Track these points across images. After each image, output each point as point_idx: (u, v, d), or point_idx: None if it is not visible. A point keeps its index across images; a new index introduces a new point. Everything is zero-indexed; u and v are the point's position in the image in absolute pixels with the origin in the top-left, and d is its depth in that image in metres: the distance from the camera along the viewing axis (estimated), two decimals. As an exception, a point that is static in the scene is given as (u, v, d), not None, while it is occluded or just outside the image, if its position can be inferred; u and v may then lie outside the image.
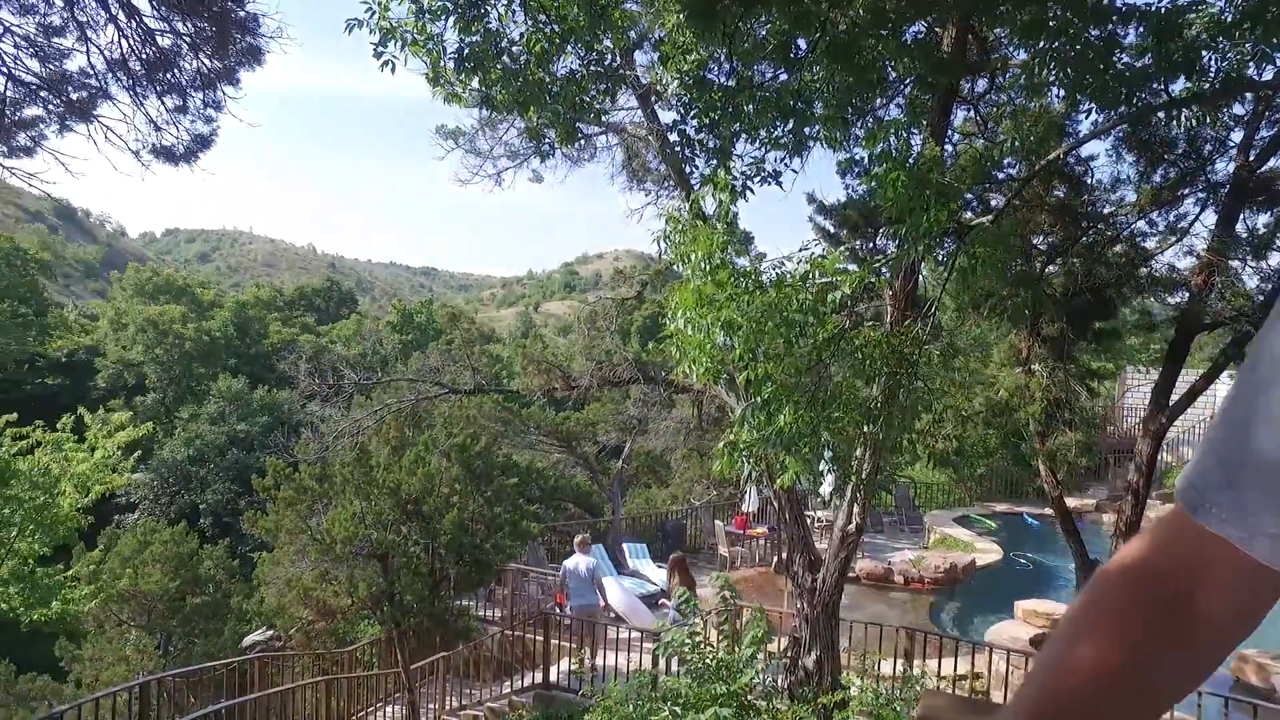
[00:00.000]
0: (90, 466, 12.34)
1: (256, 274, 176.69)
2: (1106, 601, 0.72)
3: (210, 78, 4.96)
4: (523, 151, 10.90)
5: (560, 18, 4.34)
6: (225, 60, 4.90)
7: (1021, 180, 5.89)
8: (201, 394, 36.68)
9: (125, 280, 47.43)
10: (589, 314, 12.12)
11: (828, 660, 8.49)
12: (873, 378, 5.97)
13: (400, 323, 52.64)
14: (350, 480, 11.32)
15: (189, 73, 4.87)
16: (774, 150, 5.00)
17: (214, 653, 12.13)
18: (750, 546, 16.61)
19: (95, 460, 12.56)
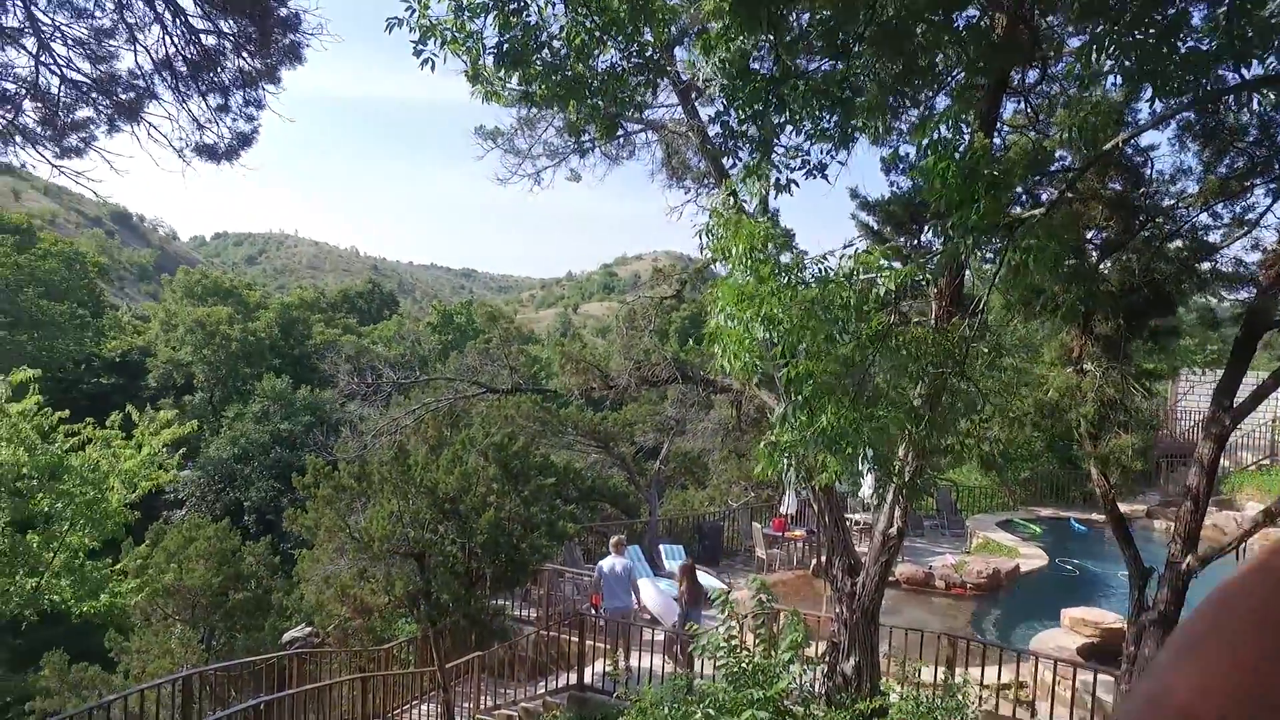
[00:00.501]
0: (137, 463, 12.59)
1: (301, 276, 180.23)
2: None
3: (252, 76, 4.98)
4: (561, 150, 10.86)
5: (601, 9, 4.25)
6: (267, 58, 4.91)
7: (1075, 172, 5.66)
8: (247, 393, 37.42)
9: (175, 283, 48.66)
10: (627, 313, 12.04)
11: (866, 666, 8.29)
12: (918, 377, 5.78)
13: (440, 323, 53.20)
14: (388, 479, 11.38)
15: (231, 71, 4.89)
16: (820, 142, 4.85)
17: (254, 648, 12.29)
18: (788, 549, 16.39)
19: (142, 457, 12.82)
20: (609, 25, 4.35)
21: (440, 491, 11.62)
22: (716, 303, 4.94)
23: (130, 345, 42.12)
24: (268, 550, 15.40)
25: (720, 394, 12.61)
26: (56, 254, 43.50)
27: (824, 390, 4.66)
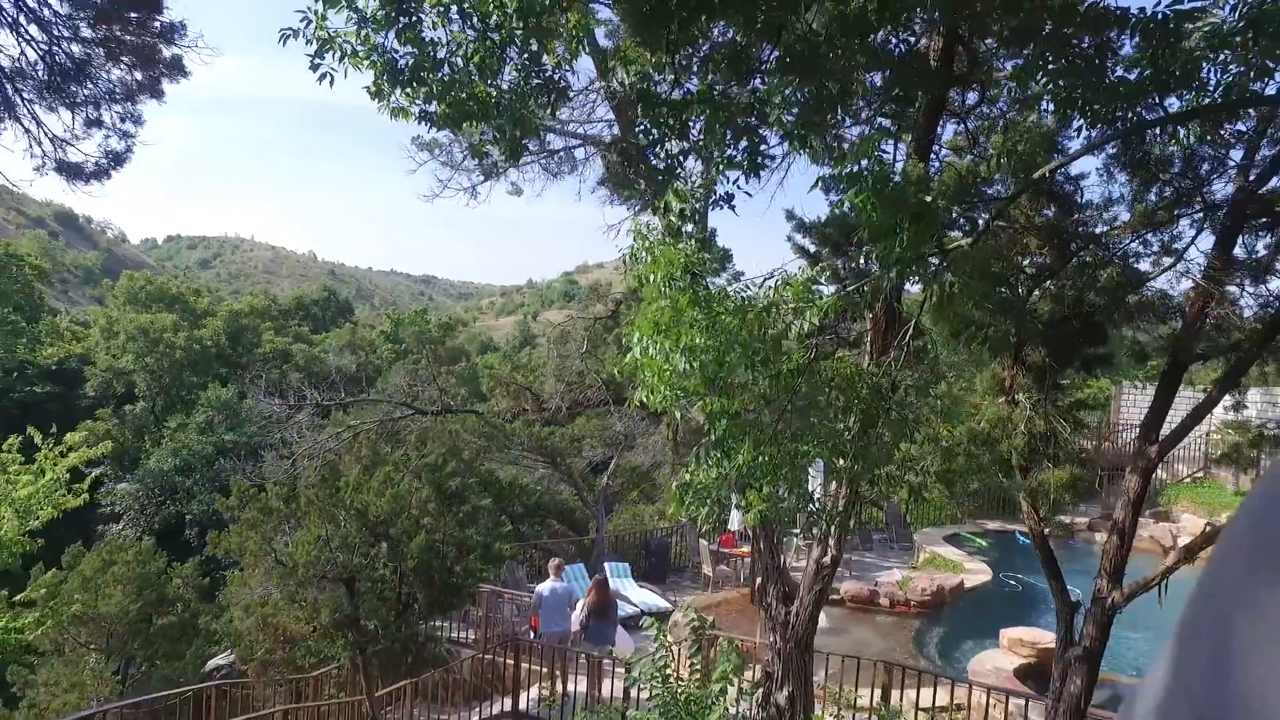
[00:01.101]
0: (34, 491, 11.91)
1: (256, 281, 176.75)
2: None
3: (130, 90, 4.60)
4: (499, 164, 10.56)
5: (498, 26, 3.98)
6: (147, 72, 4.53)
7: (1004, 199, 5.54)
8: (191, 403, 36.30)
9: (118, 288, 47.09)
10: (559, 334, 11.76)
11: (800, 696, 8.10)
12: (847, 409, 5.61)
13: (393, 332, 52.27)
14: (315, 502, 10.95)
15: (104, 85, 4.51)
16: (729, 170, 4.65)
17: (175, 678, 11.71)
18: (735, 566, 16.21)
19: (44, 483, 12.14)
20: (509, 41, 4.09)
21: (371, 514, 11.21)
22: (635, 333, 4.71)
23: (68, 352, 40.61)
24: (196, 571, 14.80)
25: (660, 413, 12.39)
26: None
27: (740, 428, 4.44)
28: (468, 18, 4.02)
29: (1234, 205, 6.00)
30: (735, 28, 4.05)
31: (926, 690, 9.47)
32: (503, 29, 3.92)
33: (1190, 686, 0.43)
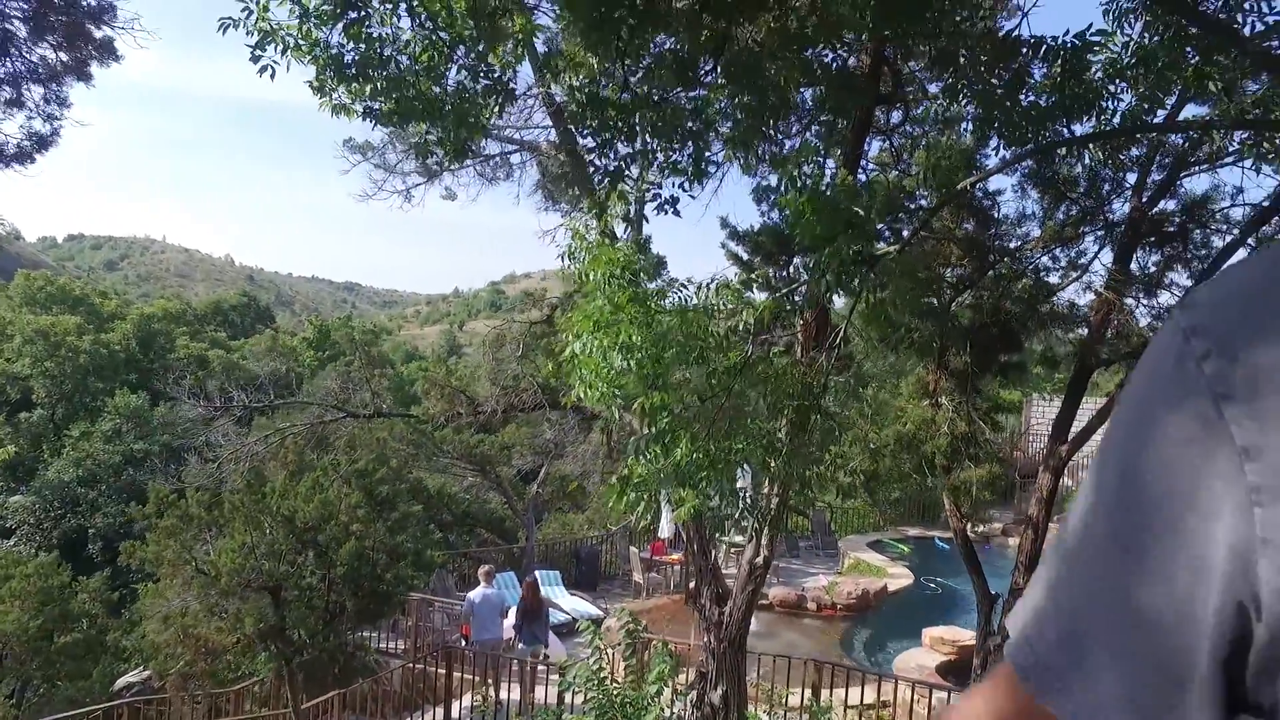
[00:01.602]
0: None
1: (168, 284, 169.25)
2: None
3: (55, 71, 4.45)
4: (434, 167, 10.51)
5: (447, 25, 4.04)
6: (74, 53, 4.39)
7: (930, 209, 5.86)
8: (96, 410, 34.52)
9: (13, 288, 44.51)
10: (495, 338, 11.77)
11: (734, 695, 8.26)
12: (779, 410, 5.81)
13: (318, 339, 50.93)
14: (240, 508, 10.63)
15: (25, 63, 4.35)
16: (674, 175, 4.80)
17: (79, 698, 11.12)
18: (666, 573, 16.35)
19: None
20: (457, 41, 4.16)
21: (299, 520, 10.94)
22: (573, 329, 4.79)
23: (-44, 357, 38.17)
24: (104, 585, 14.12)
25: (594, 419, 12.49)
26: None
27: (680, 423, 4.57)
28: (416, 16, 4.06)
29: (1130, 224, 6.48)
30: (680, 39, 4.20)
31: (855, 688, 9.77)
32: (452, 29, 3.98)
33: (1057, 590, 0.55)
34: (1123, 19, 5.28)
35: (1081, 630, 0.51)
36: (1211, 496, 0.45)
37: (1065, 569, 0.54)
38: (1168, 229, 6.50)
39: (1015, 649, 0.55)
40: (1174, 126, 5.59)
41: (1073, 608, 0.53)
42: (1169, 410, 0.47)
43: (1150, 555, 0.47)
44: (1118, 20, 5.27)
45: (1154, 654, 0.47)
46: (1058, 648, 0.52)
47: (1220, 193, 6.47)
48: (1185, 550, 0.46)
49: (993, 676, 0.61)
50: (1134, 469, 0.49)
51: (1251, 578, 0.43)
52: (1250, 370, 0.44)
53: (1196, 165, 6.36)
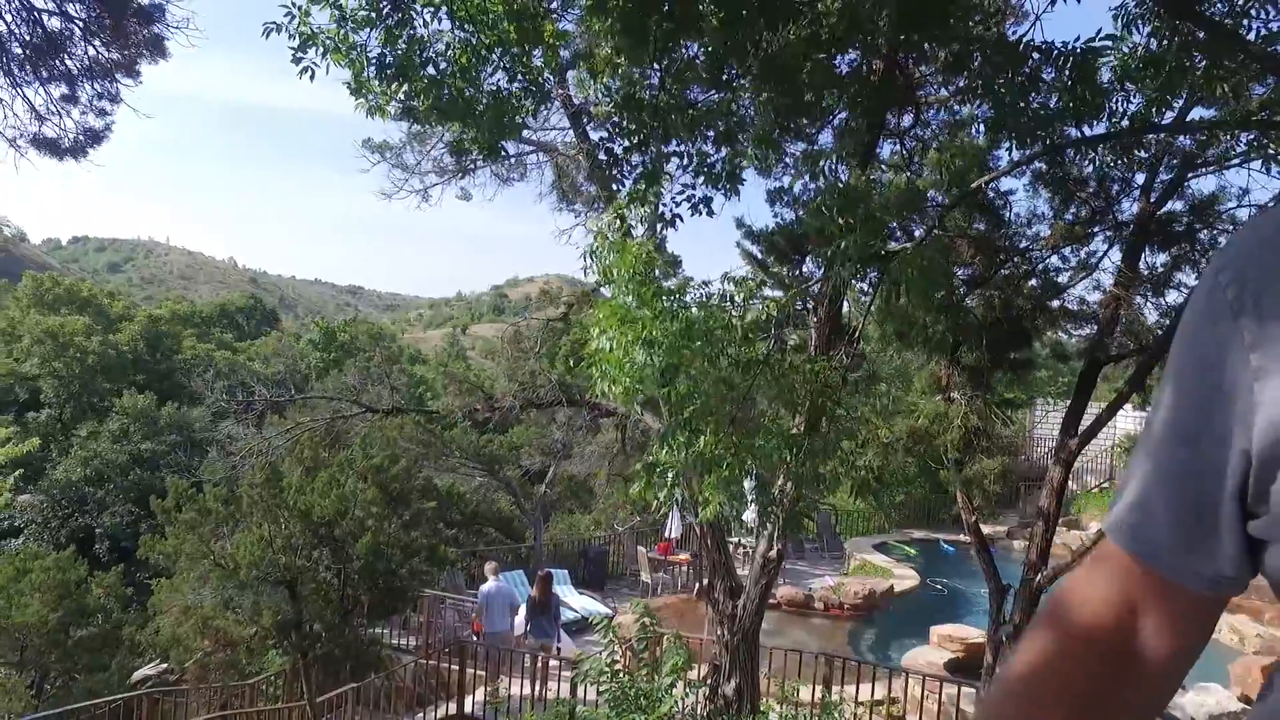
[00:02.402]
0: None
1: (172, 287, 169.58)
2: (1053, 661, 0.71)
3: (105, 67, 4.63)
4: (451, 168, 10.68)
5: (489, 27, 4.21)
6: (124, 49, 4.57)
7: (945, 206, 6.02)
8: (104, 410, 34.68)
9: (22, 289, 44.74)
10: (513, 334, 11.93)
11: (747, 688, 8.40)
12: (796, 405, 5.95)
13: (323, 341, 51.11)
14: (258, 502, 10.77)
15: (80, 59, 4.53)
16: (707, 181, 4.96)
17: (98, 690, 11.26)
18: (673, 573, 16.49)
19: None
20: (496, 43, 4.32)
21: (315, 515, 11.08)
22: (597, 325, 4.94)
23: (-36, 357, 38.38)
24: (119, 580, 14.26)
25: (606, 418, 12.64)
26: (-119, 254, 39.28)
27: (705, 411, 4.72)
28: (456, 18, 4.22)
29: (1138, 224, 6.64)
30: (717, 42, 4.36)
31: (865, 684, 9.88)
32: (490, 32, 4.14)
33: (1152, 484, 0.74)
34: (1132, 24, 5.44)
35: (1195, 523, 0.69)
36: (1231, 381, 0.65)
37: (1146, 460, 0.71)
38: (1175, 229, 6.65)
39: (1127, 537, 0.71)
40: (1182, 128, 5.75)
41: (1185, 507, 0.69)
42: (1204, 326, 0.68)
43: (1191, 430, 0.68)
44: (1127, 25, 5.43)
45: (1199, 501, 0.67)
46: (1174, 538, 0.69)
47: (1227, 194, 6.63)
48: (1214, 420, 0.66)
49: (1097, 564, 0.75)
50: (1182, 370, 0.70)
51: (1250, 431, 0.63)
52: (1255, 291, 0.65)
53: (1204, 166, 6.52)
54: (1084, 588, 0.74)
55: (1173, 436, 0.69)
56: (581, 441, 18.01)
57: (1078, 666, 0.69)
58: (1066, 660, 0.70)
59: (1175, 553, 0.68)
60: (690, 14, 3.86)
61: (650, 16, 3.80)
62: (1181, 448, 0.68)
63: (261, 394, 11.38)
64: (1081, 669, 0.69)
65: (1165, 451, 0.69)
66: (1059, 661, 0.70)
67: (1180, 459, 0.68)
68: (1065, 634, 0.71)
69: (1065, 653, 0.70)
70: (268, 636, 11.00)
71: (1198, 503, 0.67)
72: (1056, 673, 0.69)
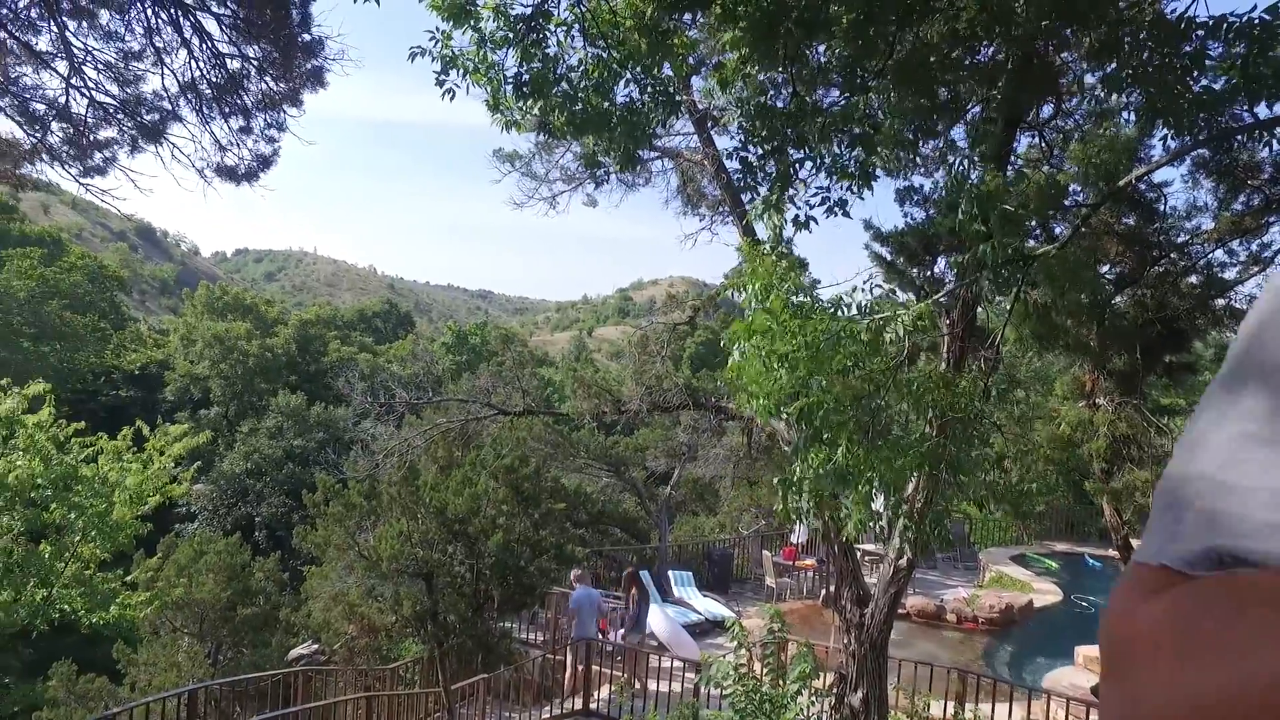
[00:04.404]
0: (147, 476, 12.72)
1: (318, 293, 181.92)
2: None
3: (274, 99, 5.10)
4: (578, 175, 10.98)
5: (619, 43, 4.33)
6: (289, 82, 5.03)
7: (1089, 207, 5.67)
8: (262, 409, 37.61)
9: (196, 298, 49.22)
10: (640, 338, 12.15)
11: (874, 699, 8.18)
12: (930, 413, 5.77)
13: (454, 344, 53.47)
14: (397, 499, 11.42)
15: (254, 94, 5.02)
16: (841, 179, 4.89)
17: (260, 664, 12.28)
18: (798, 578, 16.26)
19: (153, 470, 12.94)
20: (627, 58, 4.43)
21: (449, 512, 11.63)
22: (734, 341, 4.96)
23: (149, 359, 42.52)
24: (277, 566, 15.44)
25: (732, 420, 12.63)
26: (81, 267, 44.16)
27: (838, 424, 4.66)
28: (589, 36, 4.37)
29: (1323, 214, 6.02)
30: (848, 43, 4.31)
31: (1002, 704, 9.43)
32: (623, 47, 4.25)
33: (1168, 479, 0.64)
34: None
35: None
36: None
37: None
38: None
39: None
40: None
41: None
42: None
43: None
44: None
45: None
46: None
47: None
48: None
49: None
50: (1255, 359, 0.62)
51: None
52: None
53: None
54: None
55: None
56: (706, 444, 18.04)
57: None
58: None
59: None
60: (820, 16, 3.82)
61: (780, 23, 3.79)
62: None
63: (401, 396, 12.06)
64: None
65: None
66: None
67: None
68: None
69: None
70: (406, 625, 11.64)
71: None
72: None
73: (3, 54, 4.40)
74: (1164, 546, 0.60)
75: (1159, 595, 0.58)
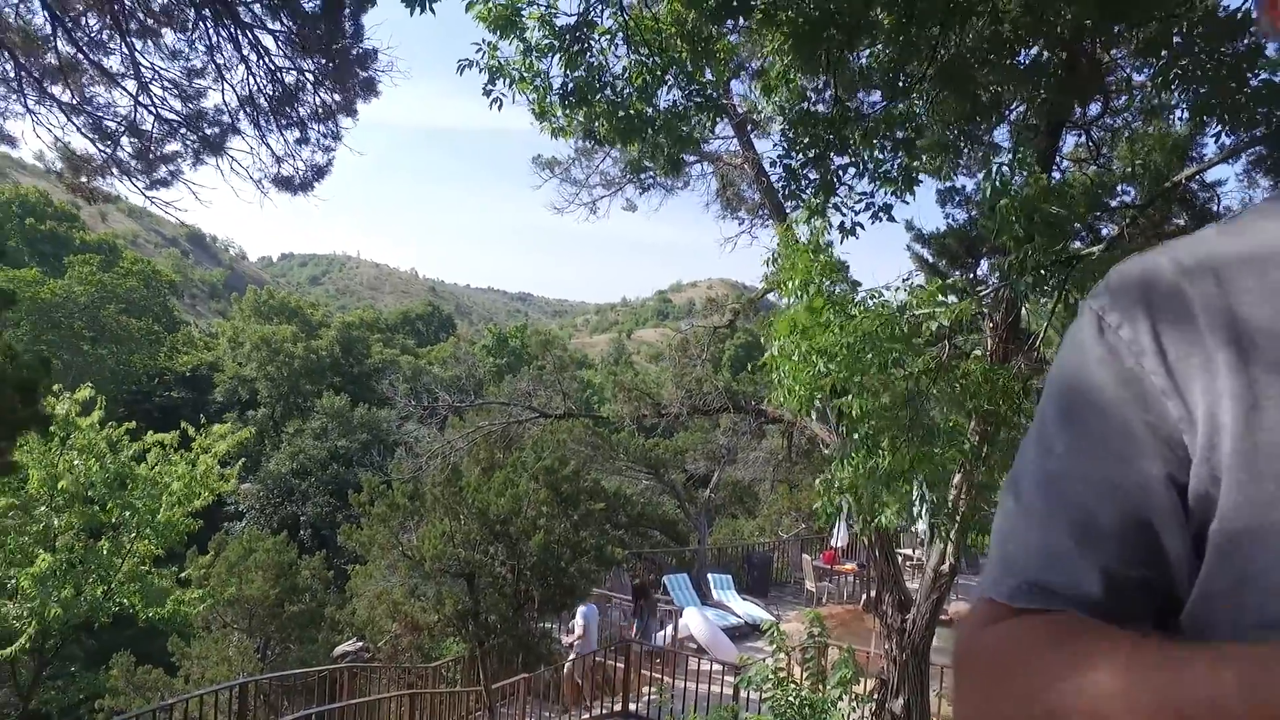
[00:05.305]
0: (197, 474, 13.18)
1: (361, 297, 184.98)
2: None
3: (329, 111, 5.27)
4: (617, 180, 11.08)
5: (662, 50, 4.39)
6: (343, 94, 5.20)
7: (1137, 208, 5.58)
8: (307, 410, 38.40)
9: (244, 302, 50.48)
10: (680, 342, 12.23)
11: (916, 706, 8.11)
12: (974, 413, 5.72)
13: (495, 346, 54.02)
14: (440, 499, 11.61)
15: (309, 107, 5.20)
16: (884, 185, 4.90)
17: (307, 659, 12.58)
18: (838, 583, 16.13)
19: (203, 468, 13.40)
20: (670, 65, 4.49)
21: (491, 513, 11.79)
22: (774, 337, 4.99)
23: (200, 361, 43.70)
24: (322, 565, 15.78)
25: (771, 424, 12.61)
26: (137, 273, 45.58)
27: (881, 428, 4.65)
28: (632, 44, 4.44)
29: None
30: (892, 47, 4.31)
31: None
32: (666, 53, 4.32)
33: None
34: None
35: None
36: (1144, 424, 0.62)
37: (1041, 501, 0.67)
38: None
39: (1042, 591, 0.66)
40: None
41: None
42: (1104, 368, 0.64)
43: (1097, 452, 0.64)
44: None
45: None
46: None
47: None
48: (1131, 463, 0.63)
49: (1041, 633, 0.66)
50: (1084, 409, 0.66)
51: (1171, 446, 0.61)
52: (1152, 332, 0.62)
53: None
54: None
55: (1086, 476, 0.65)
56: (746, 447, 18.02)
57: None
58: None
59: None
60: (862, 20, 3.83)
61: (823, 30, 3.81)
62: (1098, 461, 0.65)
63: (445, 399, 12.25)
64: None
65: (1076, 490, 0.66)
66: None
67: (1106, 477, 0.65)
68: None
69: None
70: (449, 624, 11.82)
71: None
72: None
73: (78, 75, 4.64)
74: (994, 582, 0.70)
75: (991, 626, 0.69)
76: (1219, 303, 0.62)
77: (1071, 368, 0.68)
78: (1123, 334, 0.64)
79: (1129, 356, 0.63)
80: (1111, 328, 0.64)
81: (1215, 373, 0.60)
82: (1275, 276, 0.61)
